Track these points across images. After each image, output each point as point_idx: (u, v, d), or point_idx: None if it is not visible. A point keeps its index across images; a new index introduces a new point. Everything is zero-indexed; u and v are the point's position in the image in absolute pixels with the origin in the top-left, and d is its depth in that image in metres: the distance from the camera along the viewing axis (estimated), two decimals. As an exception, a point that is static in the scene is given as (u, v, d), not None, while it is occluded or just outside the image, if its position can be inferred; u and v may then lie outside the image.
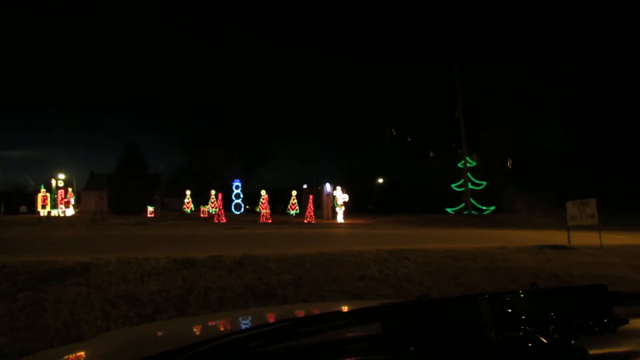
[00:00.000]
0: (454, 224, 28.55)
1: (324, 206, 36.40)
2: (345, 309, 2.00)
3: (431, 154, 53.96)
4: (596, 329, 0.95)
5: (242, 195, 42.94)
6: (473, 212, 40.56)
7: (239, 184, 42.14)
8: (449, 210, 42.28)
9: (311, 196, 32.95)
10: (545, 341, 0.87)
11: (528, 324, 0.88)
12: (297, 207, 40.47)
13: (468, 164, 43.05)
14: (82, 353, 1.42)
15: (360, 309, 1.21)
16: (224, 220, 29.82)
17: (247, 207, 48.65)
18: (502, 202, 39.08)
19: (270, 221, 30.07)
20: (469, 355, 0.88)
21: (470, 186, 42.45)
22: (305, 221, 30.03)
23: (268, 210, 31.52)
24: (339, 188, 33.63)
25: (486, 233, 19.89)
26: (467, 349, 0.88)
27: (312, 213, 30.71)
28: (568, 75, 43.15)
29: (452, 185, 43.72)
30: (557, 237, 13.87)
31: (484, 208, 40.74)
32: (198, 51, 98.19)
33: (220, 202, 32.12)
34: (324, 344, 1.03)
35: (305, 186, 45.14)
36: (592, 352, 0.96)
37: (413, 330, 0.97)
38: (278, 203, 47.05)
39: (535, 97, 44.04)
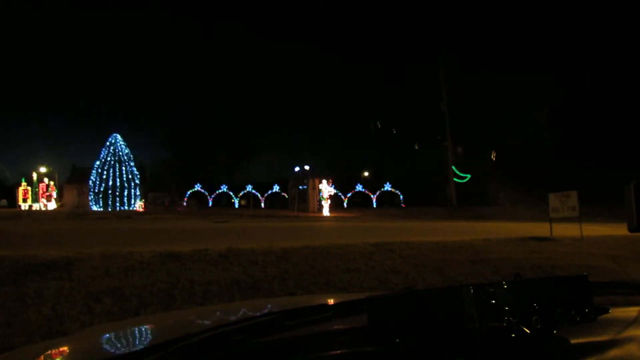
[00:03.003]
0: (439, 217, 28.81)
1: (310, 199, 36.45)
2: (331, 301, 2.00)
3: (416, 147, 54.23)
4: (578, 318, 0.96)
5: (232, 195, 43.04)
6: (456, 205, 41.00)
7: (225, 177, 42.27)
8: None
9: (297, 190, 32.95)
10: (528, 331, 0.88)
11: (511, 315, 0.89)
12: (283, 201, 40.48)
13: (454, 157, 43.44)
14: (66, 348, 1.41)
15: (346, 302, 1.21)
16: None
17: (233, 200, 48.52)
18: (487, 195, 39.53)
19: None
20: (453, 346, 0.89)
21: (454, 180, 42.85)
22: (291, 214, 30.04)
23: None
24: (324, 181, 33.68)
25: (470, 225, 20.12)
26: (452, 340, 0.89)
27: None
28: (551, 68, 43.67)
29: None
30: (540, 229, 14.09)
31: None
32: (182, 45, 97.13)
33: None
34: (310, 336, 1.02)
35: (290, 180, 45.05)
36: (573, 341, 0.98)
37: (398, 321, 0.98)
38: (263, 196, 47.01)
39: (519, 90, 44.47)
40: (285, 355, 0.97)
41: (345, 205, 45.44)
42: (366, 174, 58.34)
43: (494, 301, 0.91)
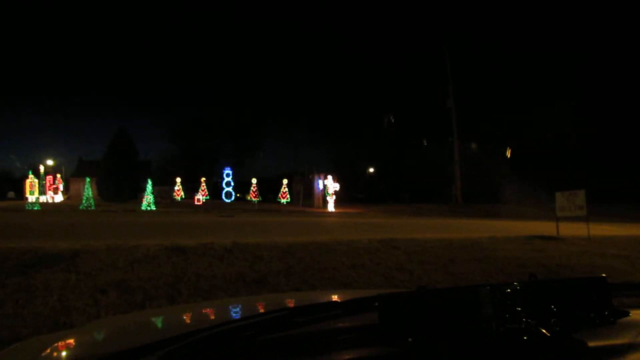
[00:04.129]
0: (445, 214, 28.74)
1: (315, 195, 36.44)
2: (337, 297, 1.99)
3: (424, 143, 53.96)
4: (597, 321, 0.94)
5: (232, 183, 42.82)
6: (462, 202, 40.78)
7: (230, 172, 41.95)
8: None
9: (302, 185, 32.94)
10: (547, 334, 0.86)
11: (529, 316, 0.87)
12: (288, 196, 40.43)
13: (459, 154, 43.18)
14: (72, 340, 1.40)
15: (356, 299, 1.19)
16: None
17: (238, 195, 48.58)
18: (494, 193, 39.31)
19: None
20: (470, 347, 0.87)
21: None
22: (297, 209, 30.06)
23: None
24: (329, 177, 33.64)
25: (476, 223, 20.05)
26: (468, 340, 0.87)
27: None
28: (564, 66, 43.11)
29: None
30: (546, 227, 14.01)
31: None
32: (189, 38, 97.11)
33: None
34: (320, 333, 1.01)
35: (295, 175, 45.05)
36: (591, 344, 0.96)
37: (411, 321, 0.96)
38: (269, 191, 47.03)
39: (533, 86, 44.03)
40: (296, 352, 0.95)
41: (350, 201, 45.44)
42: (371, 169, 58.24)
43: (510, 302, 0.89)
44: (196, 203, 37.28)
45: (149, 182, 29.88)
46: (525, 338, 0.85)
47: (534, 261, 7.92)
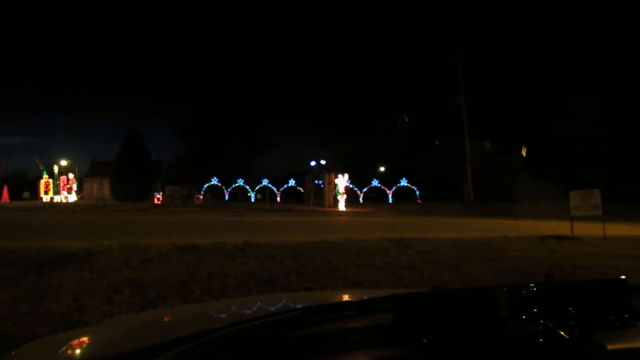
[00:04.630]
0: (456, 213, 28.55)
1: (326, 194, 36.43)
2: (349, 297, 1.98)
3: (436, 143, 53.60)
4: (617, 323, 0.92)
5: (248, 188, 43.34)
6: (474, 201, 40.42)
7: (242, 180, 42.76)
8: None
9: (313, 184, 32.94)
10: (566, 336, 0.85)
11: (547, 318, 0.86)
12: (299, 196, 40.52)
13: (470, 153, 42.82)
14: (87, 338, 1.42)
15: (369, 299, 1.18)
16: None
17: (249, 194, 48.76)
18: (507, 192, 38.92)
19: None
20: (486, 349, 0.86)
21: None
22: (307, 208, 30.05)
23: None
24: (340, 176, 33.61)
25: (488, 222, 19.89)
26: (484, 342, 0.86)
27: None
28: (579, 64, 42.50)
29: None
30: (561, 227, 13.85)
31: None
32: (198, 38, 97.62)
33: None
34: (333, 333, 1.01)
35: (306, 174, 45.06)
36: (610, 347, 0.94)
37: (425, 321, 0.95)
38: (279, 190, 47.11)
39: (544, 85, 43.54)
40: (309, 352, 0.95)
41: (360, 200, 45.32)
42: (382, 169, 58.05)
43: (527, 303, 0.87)
44: (196, 202, 37.60)
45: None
46: (542, 340, 0.83)
47: (548, 261, 7.83)
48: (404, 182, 46.27)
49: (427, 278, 6.29)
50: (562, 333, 0.85)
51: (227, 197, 46.39)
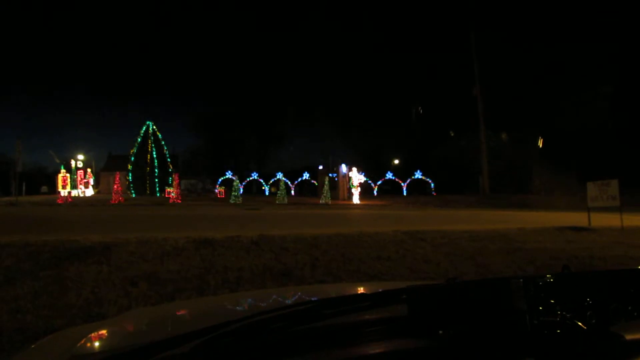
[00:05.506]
0: (471, 205, 28.33)
1: (340, 187, 36.42)
2: (365, 289, 1.98)
3: (451, 134, 53.10)
4: (635, 313, 0.90)
5: (262, 182, 43.50)
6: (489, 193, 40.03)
7: (256, 174, 42.83)
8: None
9: (327, 177, 32.92)
10: (583, 327, 0.83)
11: (564, 309, 0.85)
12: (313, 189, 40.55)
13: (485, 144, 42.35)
14: (106, 331, 1.44)
15: (384, 291, 1.18)
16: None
17: (263, 188, 48.98)
18: (522, 183, 38.49)
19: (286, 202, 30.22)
20: (502, 341, 0.85)
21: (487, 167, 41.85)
22: (319, 202, 30.07)
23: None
24: (354, 169, 33.55)
25: (504, 214, 19.70)
26: (500, 333, 0.85)
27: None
28: (596, 53, 41.56)
29: None
30: (577, 218, 13.66)
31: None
32: (214, 32, 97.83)
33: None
34: (348, 325, 1.01)
35: (320, 167, 45.08)
36: (628, 337, 0.92)
37: (441, 313, 0.95)
38: (293, 184, 47.26)
39: (559, 75, 42.71)
40: (325, 344, 0.95)
41: (375, 193, 45.22)
42: (396, 161, 57.81)
43: (544, 294, 0.86)
44: (218, 196, 37.79)
45: None
46: (560, 331, 0.82)
47: (565, 253, 7.74)
48: (418, 175, 46.02)
49: (442, 270, 6.27)
50: (579, 324, 0.83)
51: (241, 190, 46.66)
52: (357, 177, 33.13)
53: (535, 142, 44.86)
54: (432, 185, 45.84)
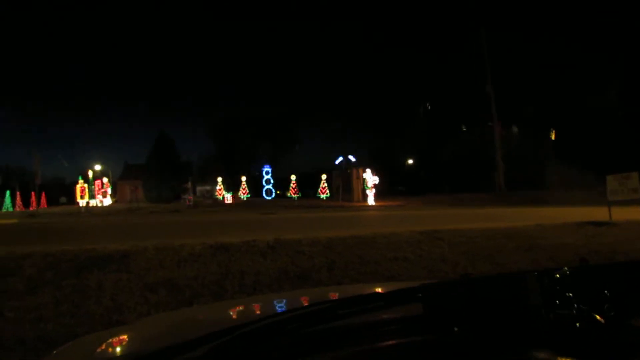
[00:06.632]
0: (487, 203, 28.03)
1: (354, 189, 36.34)
2: (381, 290, 1.97)
3: (463, 129, 52.59)
4: None
5: (272, 181, 43.31)
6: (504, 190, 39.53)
7: (269, 170, 42.40)
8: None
9: (341, 179, 32.89)
10: (601, 320, 0.82)
11: (580, 302, 0.83)
12: (328, 191, 40.49)
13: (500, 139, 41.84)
14: (125, 336, 1.45)
15: (399, 290, 1.18)
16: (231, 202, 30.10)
17: (278, 192, 49.09)
18: (538, 179, 37.95)
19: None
20: (519, 335, 0.84)
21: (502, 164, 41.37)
22: (336, 204, 30.04)
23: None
24: (368, 170, 33.45)
25: (521, 211, 19.45)
26: (516, 328, 0.84)
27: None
28: (609, 45, 40.90)
29: None
30: (597, 213, 13.41)
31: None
32: (226, 38, 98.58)
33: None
34: (364, 325, 1.01)
35: (337, 162, 45.00)
36: None
37: (456, 310, 0.94)
38: (308, 187, 47.26)
39: (572, 67, 42.07)
40: (340, 344, 0.95)
41: (389, 193, 45.05)
42: (410, 161, 57.50)
43: (560, 288, 0.85)
44: (226, 202, 37.86)
45: None
46: (577, 325, 0.81)
47: (586, 248, 7.60)
48: (432, 173, 45.72)
49: (460, 270, 6.21)
50: (597, 317, 0.82)
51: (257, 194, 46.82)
52: (371, 179, 33.03)
53: (548, 137, 44.23)
54: (447, 183, 45.49)
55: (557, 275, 0.86)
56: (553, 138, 43.72)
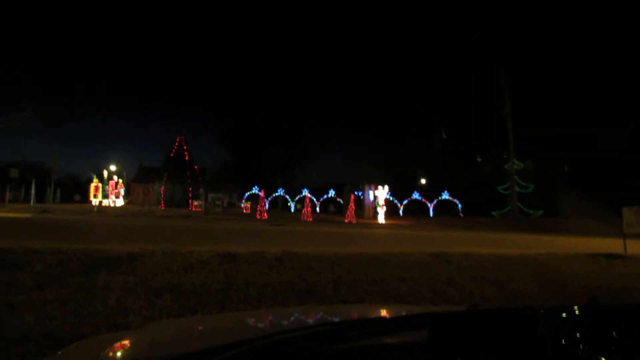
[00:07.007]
0: (500, 228, 27.74)
1: (365, 206, 36.25)
2: (387, 312, 1.96)
3: (478, 159, 52.48)
4: None
5: (288, 198, 43.62)
6: (519, 215, 39.24)
7: (282, 190, 43.00)
8: (494, 213, 41.15)
9: (352, 196, 32.83)
10: None
11: (588, 343, 0.82)
12: (338, 207, 40.43)
13: (515, 166, 41.64)
14: (129, 341, 1.46)
15: (407, 316, 1.17)
16: (266, 217, 30.17)
17: (289, 204, 49.15)
18: (553, 207, 37.58)
19: (310, 219, 30.22)
20: None
21: (517, 189, 41.08)
22: (346, 221, 29.97)
23: (309, 209, 31.67)
24: (380, 188, 33.38)
25: (534, 238, 19.20)
26: None
27: (352, 213, 30.51)
28: (624, 79, 40.70)
29: (499, 188, 42.42)
30: (612, 245, 13.19)
31: (531, 212, 39.34)
32: (246, 47, 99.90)
33: (262, 200, 32.54)
34: (370, 348, 1.00)
35: (347, 184, 45.03)
36: None
37: (461, 340, 0.93)
38: (319, 201, 47.26)
39: (587, 101, 41.96)
40: None
41: (401, 212, 44.80)
42: (423, 181, 57.25)
43: (567, 327, 0.84)
44: (244, 212, 38.08)
45: None
46: None
47: (598, 281, 7.46)
48: (445, 196, 45.43)
49: (468, 294, 6.13)
50: (602, 359, 0.80)
51: (267, 206, 46.98)
52: (382, 196, 32.94)
53: (562, 167, 43.94)
54: (460, 206, 45.14)
55: (566, 314, 0.85)
56: (567, 170, 43.42)
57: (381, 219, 31.95)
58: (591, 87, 41.98)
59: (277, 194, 49.72)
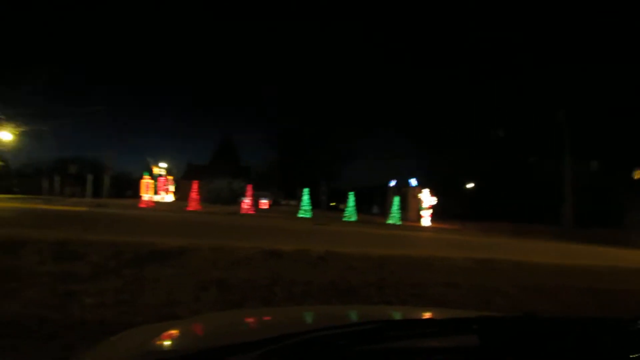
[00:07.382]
0: (552, 237, 26.61)
1: (410, 208, 35.76)
2: (432, 315, 1.92)
3: (533, 160, 50.47)
4: None
5: (326, 194, 43.71)
6: (573, 225, 37.39)
7: (325, 184, 43.01)
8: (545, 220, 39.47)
9: (395, 198, 32.47)
10: None
11: None
12: (384, 208, 40.08)
13: (572, 170, 39.69)
14: (178, 331, 1.51)
15: (455, 319, 1.14)
16: (309, 216, 30.33)
17: (334, 203, 49.21)
18: (617, 217, 35.60)
19: (353, 220, 30.12)
20: None
21: (572, 196, 39.18)
22: (388, 222, 29.67)
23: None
24: (425, 190, 32.83)
25: (591, 249, 18.28)
26: None
27: (398, 214, 30.08)
28: None
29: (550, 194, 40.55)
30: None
31: (586, 220, 37.46)
32: (291, 50, 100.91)
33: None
34: (414, 350, 0.98)
35: (391, 185, 44.56)
36: None
37: (514, 347, 0.90)
38: (364, 202, 47.03)
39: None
40: None
41: (447, 216, 43.90)
42: (470, 185, 55.82)
43: (630, 340, 0.79)
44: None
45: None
46: None
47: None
48: (493, 200, 44.08)
49: (516, 303, 5.93)
50: None
51: (310, 205, 47.22)
52: (428, 199, 32.38)
53: (628, 174, 41.40)
54: (509, 212, 43.64)
55: (630, 327, 0.80)
56: (636, 177, 40.88)
57: (426, 221, 31.44)
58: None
59: (321, 193, 49.91)
